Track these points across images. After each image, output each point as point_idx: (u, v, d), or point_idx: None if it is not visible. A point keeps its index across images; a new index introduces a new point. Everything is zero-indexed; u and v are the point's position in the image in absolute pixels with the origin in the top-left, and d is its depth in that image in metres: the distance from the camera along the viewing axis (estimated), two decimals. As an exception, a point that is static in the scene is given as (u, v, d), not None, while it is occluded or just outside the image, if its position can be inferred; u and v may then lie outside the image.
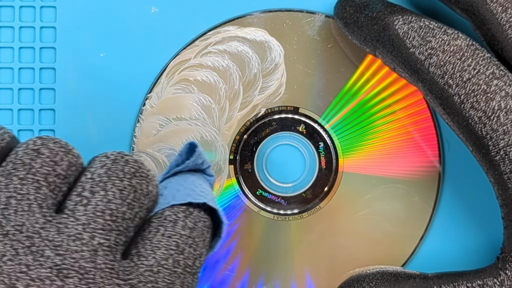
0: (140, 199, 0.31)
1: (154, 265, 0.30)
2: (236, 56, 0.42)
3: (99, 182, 0.31)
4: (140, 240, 0.31)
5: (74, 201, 0.30)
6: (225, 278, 0.42)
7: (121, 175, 0.31)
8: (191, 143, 0.35)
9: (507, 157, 0.35)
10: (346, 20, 0.39)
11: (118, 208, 0.30)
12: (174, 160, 0.35)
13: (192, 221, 0.32)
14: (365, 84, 0.42)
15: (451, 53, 0.35)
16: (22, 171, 0.30)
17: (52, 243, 0.29)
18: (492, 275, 0.36)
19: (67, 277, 0.28)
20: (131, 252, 0.31)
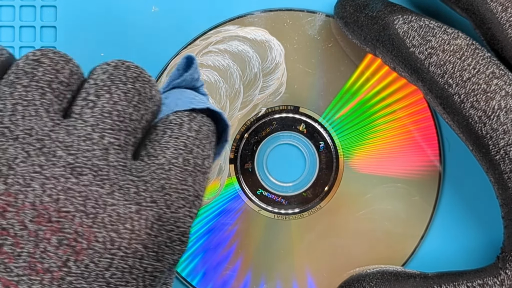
0: (145, 102, 0.32)
1: (165, 163, 0.31)
2: (236, 55, 0.42)
3: (103, 86, 0.31)
4: (148, 142, 0.32)
5: (80, 105, 0.30)
6: (227, 279, 0.42)
7: (124, 79, 0.31)
8: (188, 56, 0.35)
9: (507, 156, 0.35)
10: (346, 19, 0.39)
11: (125, 109, 0.31)
12: (172, 74, 0.36)
13: (197, 124, 0.33)
14: (365, 83, 0.42)
15: (451, 53, 0.35)
16: (25, 79, 0.30)
17: (63, 144, 0.29)
18: (492, 275, 0.36)
19: (81, 174, 0.29)
20: (140, 153, 0.31)
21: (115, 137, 0.30)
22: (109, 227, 0.28)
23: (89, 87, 0.31)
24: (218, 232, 0.42)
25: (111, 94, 0.31)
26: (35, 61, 0.31)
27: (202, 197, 0.32)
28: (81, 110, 0.30)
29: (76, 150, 0.29)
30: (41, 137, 0.29)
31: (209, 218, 0.42)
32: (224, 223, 0.42)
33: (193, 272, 0.42)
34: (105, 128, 0.30)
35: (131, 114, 0.31)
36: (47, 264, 0.28)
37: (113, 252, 0.28)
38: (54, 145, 0.29)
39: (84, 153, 0.29)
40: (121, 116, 0.30)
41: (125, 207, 0.29)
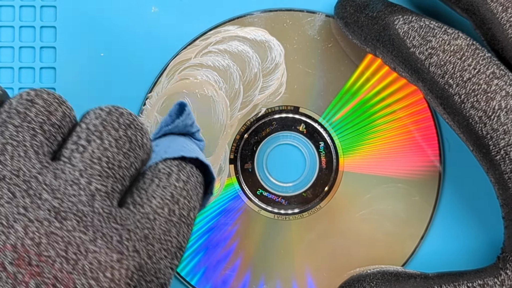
0: (136, 150, 0.32)
1: (150, 212, 0.31)
2: (236, 55, 0.42)
3: (95, 131, 0.31)
4: (136, 190, 0.32)
5: (70, 149, 0.30)
6: (226, 278, 0.42)
7: (116, 126, 0.31)
8: (181, 103, 0.36)
9: (507, 156, 0.35)
10: (346, 19, 0.39)
11: (115, 156, 0.30)
12: (164, 120, 0.36)
13: (185, 175, 0.33)
14: (365, 83, 0.42)
15: (452, 53, 0.35)
16: (17, 119, 0.30)
17: (49, 187, 0.29)
18: (492, 275, 0.36)
19: (65, 219, 0.29)
20: (126, 201, 0.31)
21: (102, 184, 0.30)
22: (89, 275, 0.28)
23: (80, 131, 0.31)
24: (218, 231, 0.42)
25: (102, 140, 0.31)
26: (28, 101, 0.31)
27: (184, 248, 0.32)
28: (70, 154, 0.30)
29: (62, 194, 0.29)
30: (28, 178, 0.29)
31: (209, 218, 0.42)
32: (224, 223, 0.42)
33: (192, 271, 0.42)
34: (93, 174, 0.30)
35: (120, 162, 0.31)
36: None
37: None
38: (40, 188, 0.29)
39: (70, 198, 0.29)
40: (110, 162, 0.30)
41: (106, 255, 0.29)
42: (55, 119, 0.31)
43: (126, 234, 0.30)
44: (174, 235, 0.31)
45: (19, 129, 0.30)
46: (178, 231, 0.32)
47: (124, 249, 0.29)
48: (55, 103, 0.31)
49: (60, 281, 0.28)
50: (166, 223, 0.31)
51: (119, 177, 0.31)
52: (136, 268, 0.29)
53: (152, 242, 0.30)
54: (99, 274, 0.28)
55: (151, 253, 0.30)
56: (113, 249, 0.29)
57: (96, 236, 0.29)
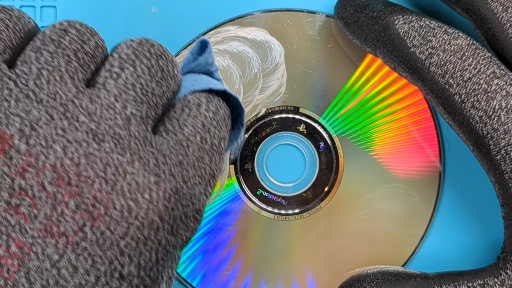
0: (167, 79, 0.32)
1: (183, 139, 0.31)
2: (236, 56, 0.42)
3: (128, 60, 0.31)
4: (167, 119, 0.32)
5: (103, 76, 0.31)
6: (227, 280, 0.42)
7: (148, 55, 0.31)
8: (203, 40, 0.35)
9: (507, 156, 0.35)
10: (346, 19, 0.39)
11: (148, 83, 0.31)
12: (187, 58, 0.36)
13: (214, 106, 0.33)
14: (365, 83, 0.42)
15: (452, 53, 0.35)
16: (51, 46, 0.30)
17: (86, 110, 0.29)
18: (492, 275, 0.36)
19: (103, 141, 0.29)
20: (159, 129, 0.31)
21: (137, 109, 0.30)
22: (127, 196, 0.28)
23: (113, 60, 0.31)
24: (218, 232, 0.42)
25: (135, 68, 0.31)
26: (62, 30, 0.31)
27: (217, 177, 0.33)
28: (104, 80, 0.30)
29: (98, 117, 0.29)
30: (65, 102, 0.29)
31: (209, 219, 0.42)
32: (224, 223, 0.42)
33: (193, 273, 0.42)
34: (128, 99, 0.30)
35: (153, 89, 0.31)
36: (63, 228, 0.28)
37: (130, 221, 0.28)
38: (77, 111, 0.29)
39: (107, 121, 0.29)
40: (144, 89, 0.31)
41: (144, 177, 0.29)
42: (88, 48, 0.31)
43: (162, 158, 0.30)
44: (207, 162, 0.32)
45: (54, 55, 0.30)
46: (210, 159, 0.32)
47: (161, 172, 0.30)
48: (88, 33, 0.31)
49: (99, 201, 0.28)
50: (199, 150, 0.31)
51: (153, 103, 0.31)
52: (172, 191, 0.29)
53: (187, 167, 0.31)
54: (137, 195, 0.29)
55: (186, 178, 0.30)
56: (150, 172, 0.29)
57: (133, 158, 0.29)
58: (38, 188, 0.28)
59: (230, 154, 0.42)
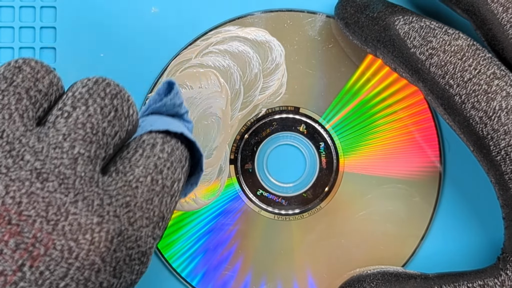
0: (121, 119, 0.31)
1: (133, 180, 0.31)
2: (237, 56, 0.42)
3: (81, 99, 0.31)
4: (119, 159, 0.32)
5: (55, 115, 0.30)
6: (227, 279, 0.42)
7: (102, 94, 0.31)
8: (169, 81, 0.35)
9: (508, 157, 0.35)
10: (347, 20, 0.39)
11: (99, 123, 0.30)
12: (152, 98, 0.36)
13: (169, 147, 0.33)
14: (365, 84, 0.42)
15: (452, 53, 0.35)
16: (3, 84, 0.30)
17: (33, 149, 0.29)
18: (493, 275, 0.36)
19: (46, 180, 0.29)
20: (109, 169, 0.31)
21: (85, 148, 0.30)
22: (68, 236, 0.28)
23: (66, 98, 0.31)
24: (218, 232, 0.42)
25: (87, 107, 0.31)
26: (16, 68, 0.31)
27: (167, 219, 0.32)
28: (55, 119, 0.30)
29: (45, 156, 0.29)
30: (11, 140, 0.29)
31: (209, 219, 0.42)
32: (225, 223, 0.42)
33: (193, 272, 0.42)
34: (77, 138, 0.30)
35: (104, 129, 0.31)
36: (2, 267, 0.27)
37: (70, 261, 0.28)
38: (23, 149, 0.29)
39: (52, 160, 0.29)
40: (94, 129, 0.30)
41: (87, 218, 0.29)
42: (41, 86, 0.31)
43: (107, 199, 0.30)
44: (156, 204, 0.31)
45: (4, 93, 0.30)
46: (160, 201, 0.31)
47: (105, 213, 0.29)
48: (42, 71, 0.31)
49: (39, 241, 0.28)
50: (148, 191, 0.31)
51: (103, 143, 0.31)
52: (116, 232, 0.29)
53: (134, 209, 0.30)
54: (79, 235, 0.28)
55: (132, 220, 0.30)
56: (94, 212, 0.29)
57: (77, 199, 0.29)
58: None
59: (230, 155, 0.42)
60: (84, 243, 0.28)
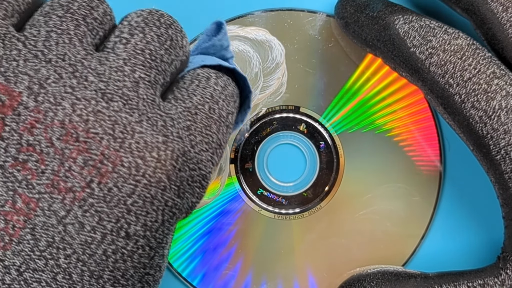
0: (176, 49, 0.32)
1: (192, 107, 0.31)
2: (237, 55, 0.42)
3: (137, 27, 0.31)
4: (176, 88, 0.32)
5: (113, 41, 0.31)
6: (228, 279, 0.42)
7: (157, 24, 0.32)
8: (218, 22, 0.35)
9: (507, 156, 0.35)
10: (346, 19, 0.39)
11: (157, 50, 0.31)
12: (201, 39, 0.36)
13: (223, 82, 0.33)
14: (365, 83, 0.42)
15: (452, 53, 0.35)
16: (60, 11, 0.30)
17: (95, 71, 0.29)
18: (493, 275, 0.36)
19: (111, 100, 0.29)
20: (168, 97, 0.32)
21: (145, 73, 0.30)
22: (135, 153, 0.29)
23: (122, 26, 0.31)
24: (218, 232, 0.42)
25: (145, 34, 0.31)
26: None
27: (223, 148, 0.33)
28: (114, 45, 0.30)
29: (107, 78, 0.29)
30: (74, 62, 0.29)
31: (209, 218, 0.42)
32: (225, 223, 0.42)
33: (193, 272, 0.42)
34: (137, 63, 0.30)
35: (162, 56, 0.31)
36: (71, 183, 0.28)
37: (137, 178, 0.28)
38: (86, 71, 0.29)
39: (115, 82, 0.29)
40: (153, 55, 0.31)
41: (152, 136, 0.29)
42: (96, 14, 0.31)
43: (170, 121, 0.30)
44: (214, 131, 0.32)
45: (62, 19, 0.30)
46: (218, 128, 0.32)
47: (169, 133, 0.30)
48: (96, 0, 0.31)
49: (107, 158, 0.28)
50: (207, 118, 0.32)
51: (161, 70, 0.31)
52: (180, 152, 0.30)
53: (194, 133, 0.31)
54: (145, 153, 0.29)
55: (194, 143, 0.31)
56: (159, 132, 0.29)
57: (142, 119, 0.29)
58: (46, 144, 0.28)
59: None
60: (151, 161, 0.29)
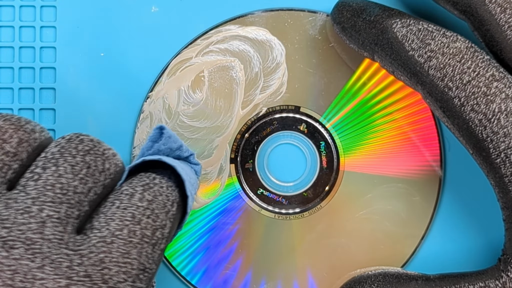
0: (94, 175, 0.31)
1: (108, 236, 0.30)
2: (237, 55, 0.42)
3: (51, 159, 0.31)
4: (95, 215, 0.31)
5: (26, 178, 0.30)
6: (227, 278, 0.42)
7: (74, 152, 0.31)
8: (159, 127, 0.35)
9: (507, 159, 0.34)
10: (343, 24, 0.39)
11: (69, 182, 0.30)
12: (145, 146, 0.36)
13: (151, 194, 0.32)
14: (366, 83, 0.42)
15: (451, 56, 0.35)
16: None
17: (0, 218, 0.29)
18: (493, 277, 0.36)
19: (12, 248, 0.28)
20: (85, 227, 0.31)
21: (54, 210, 0.30)
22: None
23: (38, 159, 0.31)
24: (218, 231, 0.42)
25: (57, 167, 0.30)
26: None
27: (151, 270, 0.31)
28: (26, 182, 0.30)
29: (11, 223, 0.29)
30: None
31: (209, 218, 0.42)
32: (225, 222, 0.42)
33: (193, 271, 0.42)
34: (46, 201, 0.30)
35: (75, 187, 0.30)
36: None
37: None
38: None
39: (19, 226, 0.29)
40: (64, 189, 0.30)
41: (54, 282, 0.28)
42: (9, 147, 0.31)
43: (78, 260, 0.29)
44: (134, 256, 0.30)
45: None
46: (140, 252, 0.31)
47: (74, 274, 0.29)
48: (10, 129, 0.31)
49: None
50: (125, 245, 0.30)
51: (75, 202, 0.30)
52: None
53: (109, 265, 0.30)
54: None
55: (107, 277, 0.29)
56: (62, 275, 0.29)
57: (44, 263, 0.29)
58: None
59: (230, 154, 0.42)
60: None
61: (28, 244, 0.29)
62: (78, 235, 0.30)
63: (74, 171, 0.31)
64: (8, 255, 0.28)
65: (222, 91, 0.42)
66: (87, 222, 0.31)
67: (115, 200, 0.32)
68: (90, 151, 0.31)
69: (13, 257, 0.28)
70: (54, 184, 0.30)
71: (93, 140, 0.32)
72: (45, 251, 0.29)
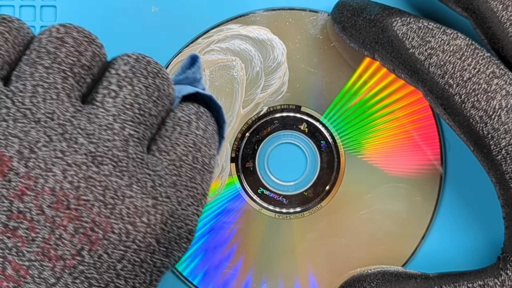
0: (163, 99, 0.32)
1: (176, 159, 0.31)
2: (238, 54, 0.42)
3: (125, 78, 0.31)
4: (159, 138, 0.32)
5: (102, 94, 0.30)
6: (228, 278, 0.42)
7: (145, 73, 0.31)
8: (193, 55, 0.36)
9: (508, 156, 0.34)
10: (344, 23, 0.39)
11: (145, 103, 0.31)
12: (177, 72, 0.36)
13: (203, 123, 0.33)
14: (367, 82, 0.42)
15: (451, 53, 0.35)
16: (47, 60, 0.30)
17: (85, 131, 0.29)
18: (493, 275, 0.36)
19: (102, 163, 0.29)
20: (151, 148, 0.31)
21: (135, 130, 0.30)
22: (126, 219, 0.29)
23: (110, 76, 0.31)
24: (219, 231, 0.42)
25: (133, 87, 0.31)
26: (58, 39, 0.31)
27: (207, 196, 0.33)
28: (103, 98, 0.30)
29: (97, 139, 0.29)
30: (62, 122, 0.29)
31: (210, 217, 0.42)
32: (225, 222, 0.42)
33: (194, 271, 0.42)
34: (126, 119, 0.30)
35: (150, 109, 0.31)
36: (61, 251, 0.28)
37: (127, 244, 0.28)
38: (75, 132, 0.29)
39: (105, 142, 0.29)
40: (141, 109, 0.30)
41: (142, 200, 0.29)
42: (85, 59, 0.31)
43: (158, 180, 0.30)
44: (199, 182, 0.32)
45: (49, 70, 0.30)
46: (202, 178, 0.32)
47: (158, 194, 0.30)
48: (85, 42, 0.31)
49: (98, 225, 0.28)
50: (192, 169, 0.31)
51: (149, 124, 0.31)
52: (169, 213, 0.30)
53: (181, 189, 0.31)
54: (135, 218, 0.29)
55: (180, 199, 0.31)
56: (148, 195, 0.29)
57: (131, 181, 0.29)
58: (36, 212, 0.27)
59: (231, 153, 0.42)
60: (141, 226, 0.29)
61: (115, 161, 0.29)
62: (149, 155, 0.31)
63: (148, 93, 0.31)
64: (99, 170, 0.29)
65: (223, 90, 0.42)
66: (152, 143, 0.32)
67: (175, 125, 0.32)
68: (158, 74, 0.32)
69: (103, 173, 0.29)
70: (132, 103, 0.30)
71: (157, 63, 0.32)
72: (131, 169, 0.29)
